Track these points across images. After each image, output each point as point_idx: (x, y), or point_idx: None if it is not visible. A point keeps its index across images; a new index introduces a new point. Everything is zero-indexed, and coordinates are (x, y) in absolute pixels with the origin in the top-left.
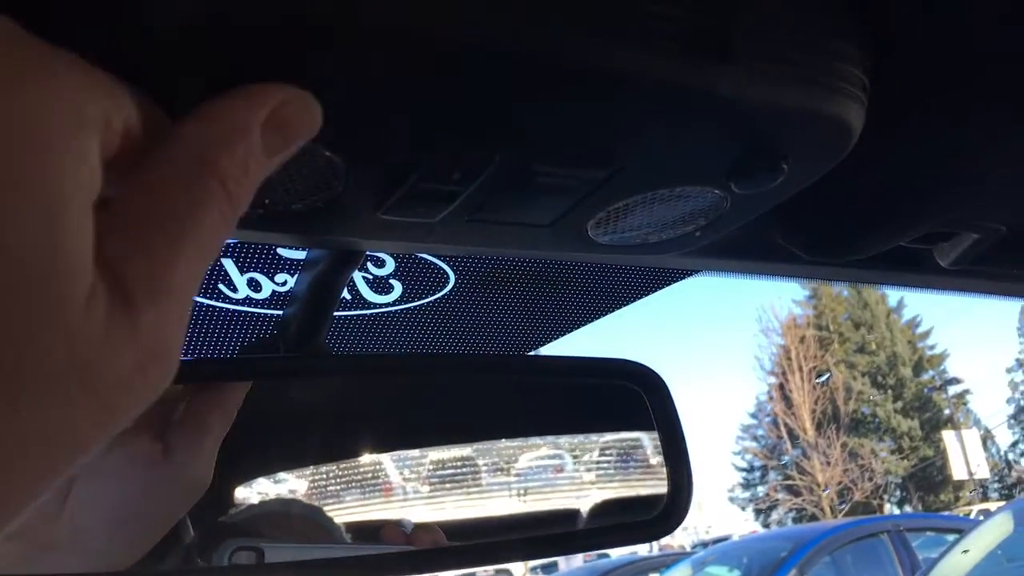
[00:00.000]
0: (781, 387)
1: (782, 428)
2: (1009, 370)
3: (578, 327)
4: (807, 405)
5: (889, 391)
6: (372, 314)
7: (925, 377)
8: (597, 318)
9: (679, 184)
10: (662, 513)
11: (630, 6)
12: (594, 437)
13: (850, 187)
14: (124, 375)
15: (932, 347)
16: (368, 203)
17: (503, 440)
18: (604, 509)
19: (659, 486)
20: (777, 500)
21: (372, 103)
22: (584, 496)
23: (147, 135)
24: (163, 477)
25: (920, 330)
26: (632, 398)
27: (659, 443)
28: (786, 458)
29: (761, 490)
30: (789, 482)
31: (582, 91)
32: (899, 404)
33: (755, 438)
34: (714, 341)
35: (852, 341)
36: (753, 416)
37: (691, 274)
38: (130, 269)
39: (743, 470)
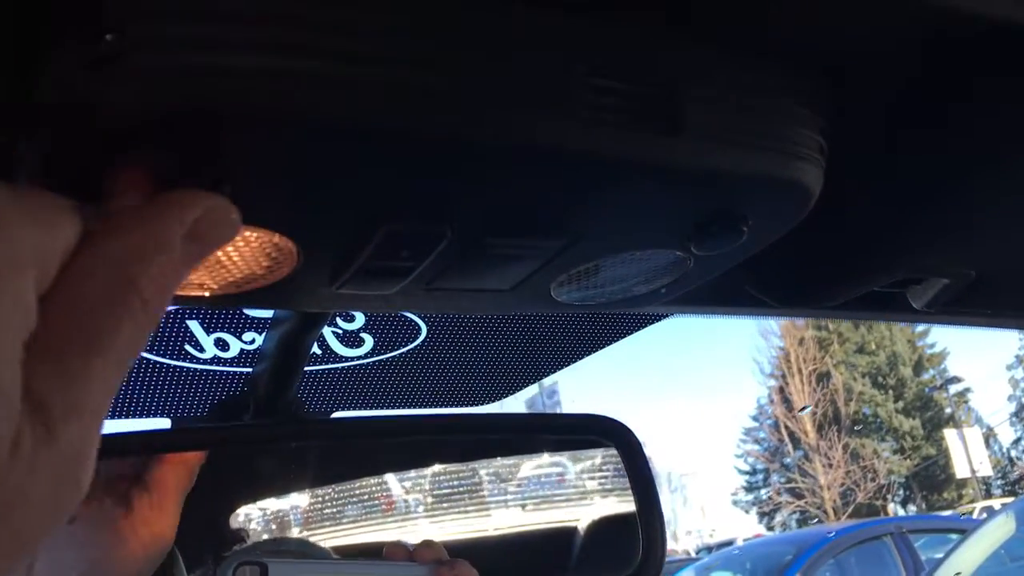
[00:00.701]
0: (781, 390)
1: (783, 431)
2: (1009, 367)
3: (557, 370)
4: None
5: (890, 391)
6: (344, 367)
7: (926, 376)
8: (575, 361)
9: (639, 248)
10: (637, 570)
11: (572, 83)
12: (590, 452)
13: (815, 241)
14: (42, 500)
15: (932, 346)
16: (323, 279)
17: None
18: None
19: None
20: (780, 503)
21: (313, 188)
22: (586, 506)
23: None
24: (125, 538)
25: (919, 329)
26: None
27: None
28: (788, 460)
29: (764, 493)
30: (792, 485)
31: (530, 169)
32: (900, 404)
33: (757, 441)
34: (714, 344)
35: (852, 341)
36: (754, 419)
37: (665, 316)
38: (48, 391)
39: (746, 473)
